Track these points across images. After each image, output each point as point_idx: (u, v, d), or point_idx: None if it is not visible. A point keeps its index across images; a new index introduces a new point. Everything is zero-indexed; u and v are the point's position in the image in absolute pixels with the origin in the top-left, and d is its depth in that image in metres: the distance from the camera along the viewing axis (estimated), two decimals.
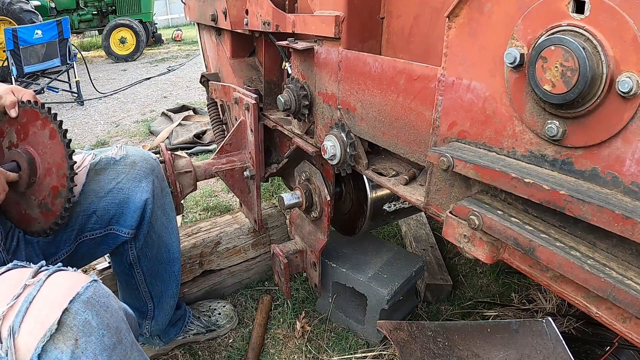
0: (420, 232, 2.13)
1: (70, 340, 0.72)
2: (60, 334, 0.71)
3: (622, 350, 1.25)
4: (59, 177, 1.04)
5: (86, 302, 0.75)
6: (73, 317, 0.73)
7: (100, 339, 0.75)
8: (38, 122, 1.06)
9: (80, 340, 0.73)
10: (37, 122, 1.06)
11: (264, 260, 1.92)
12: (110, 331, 0.77)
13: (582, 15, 0.56)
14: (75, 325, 0.73)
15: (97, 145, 3.97)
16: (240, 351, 1.58)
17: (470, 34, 0.72)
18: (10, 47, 5.23)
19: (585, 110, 0.57)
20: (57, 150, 1.04)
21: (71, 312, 0.73)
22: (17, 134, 1.08)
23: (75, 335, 0.73)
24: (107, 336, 0.76)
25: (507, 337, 1.26)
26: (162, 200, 1.31)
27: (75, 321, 0.73)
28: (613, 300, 0.54)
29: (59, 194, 1.05)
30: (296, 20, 1.18)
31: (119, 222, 1.23)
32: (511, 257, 0.73)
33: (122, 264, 1.35)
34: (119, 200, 1.21)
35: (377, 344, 1.56)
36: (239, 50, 1.77)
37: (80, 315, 0.74)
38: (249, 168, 1.62)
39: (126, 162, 1.23)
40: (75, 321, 0.73)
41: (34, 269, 0.80)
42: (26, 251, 1.13)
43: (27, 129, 1.07)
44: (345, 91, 1.08)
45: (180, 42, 11.68)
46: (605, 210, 0.53)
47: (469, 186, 0.78)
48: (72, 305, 0.74)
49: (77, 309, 0.74)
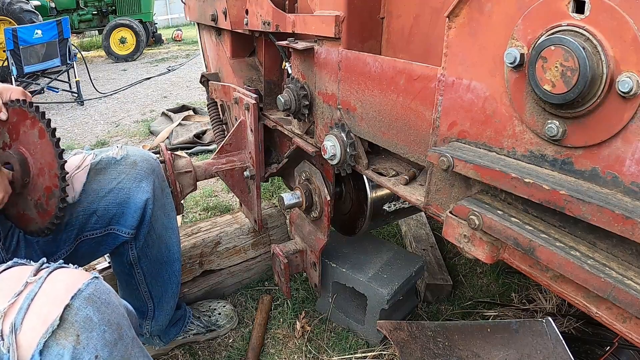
0: (420, 232, 2.13)
1: (71, 336, 0.72)
2: (61, 329, 0.72)
3: (622, 350, 1.25)
4: (51, 177, 1.04)
5: (87, 298, 0.75)
6: (75, 313, 0.73)
7: (101, 334, 0.75)
8: (27, 122, 1.04)
9: (82, 336, 0.73)
10: (26, 121, 1.04)
11: (264, 260, 1.92)
12: (111, 327, 0.77)
13: (582, 15, 0.56)
14: (77, 321, 0.73)
15: (97, 145, 3.97)
16: (240, 351, 1.58)
17: (470, 34, 0.72)
18: (10, 47, 5.22)
19: (585, 110, 0.57)
20: (47, 149, 1.03)
21: (73, 308, 0.73)
22: (9, 134, 1.07)
23: (77, 331, 0.73)
24: (109, 332, 0.76)
25: (507, 337, 1.26)
26: (162, 200, 1.31)
27: (77, 317, 0.73)
28: (613, 300, 0.54)
29: (52, 194, 1.04)
30: (296, 20, 1.18)
31: (119, 222, 1.23)
32: (511, 257, 0.73)
33: (122, 264, 1.35)
34: (119, 200, 1.21)
35: (377, 344, 1.56)
36: (239, 50, 1.77)
37: (81, 311, 0.74)
38: (249, 168, 1.61)
39: (127, 162, 1.23)
40: (76, 317, 0.73)
41: (36, 266, 0.80)
42: (26, 251, 1.13)
43: (18, 129, 1.05)
44: (345, 91, 1.08)
45: (180, 42, 11.67)
46: (605, 210, 0.53)
47: (469, 186, 0.78)
48: (74, 301, 0.74)
49: (79, 305, 0.74)
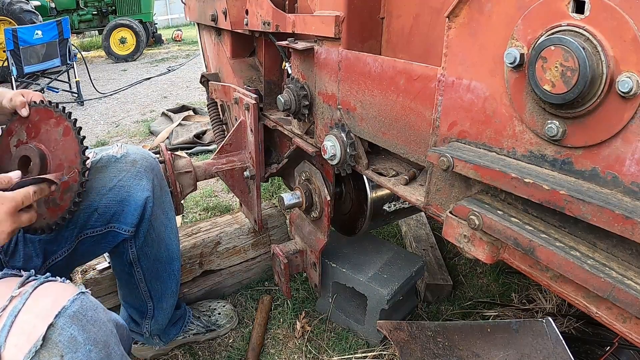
0: (420, 232, 2.13)
1: (55, 356, 0.71)
2: (45, 350, 0.70)
3: (622, 350, 1.25)
4: (70, 172, 1.06)
5: (72, 317, 0.74)
6: (59, 332, 0.72)
7: (87, 354, 0.74)
8: (51, 120, 1.10)
9: (66, 356, 0.72)
10: (50, 120, 1.10)
11: (264, 260, 1.92)
12: (97, 346, 0.76)
13: (582, 15, 0.56)
14: (61, 341, 0.72)
15: (97, 145, 3.97)
16: (240, 351, 1.58)
17: (470, 34, 0.72)
18: (10, 47, 5.23)
19: (585, 110, 0.57)
20: (70, 146, 1.06)
21: (57, 328, 0.72)
22: (27, 132, 1.11)
23: (61, 351, 0.71)
24: (95, 351, 0.75)
25: (507, 337, 1.26)
26: (161, 199, 1.31)
27: (61, 337, 0.72)
28: (613, 300, 0.54)
29: (69, 188, 1.06)
30: (296, 21, 1.18)
31: (120, 220, 1.24)
32: (511, 257, 0.73)
33: (122, 263, 1.35)
34: (120, 198, 1.21)
35: (377, 344, 1.56)
36: (239, 50, 1.77)
37: (65, 331, 0.73)
38: (249, 168, 1.62)
39: (127, 160, 1.23)
40: (60, 337, 0.72)
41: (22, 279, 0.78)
42: (25, 250, 1.12)
43: (39, 127, 1.10)
44: (345, 91, 1.08)
45: (180, 42, 11.67)
46: (605, 210, 0.53)
47: (469, 186, 0.78)
48: (58, 320, 0.72)
49: (63, 323, 0.73)
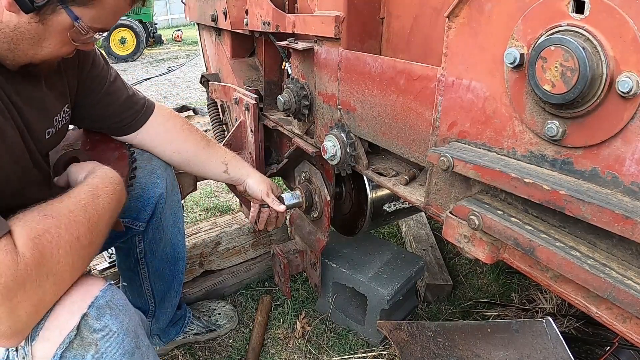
0: (420, 232, 2.13)
1: (90, 345, 0.71)
2: (79, 339, 0.71)
3: (622, 350, 1.25)
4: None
5: (105, 306, 0.75)
6: (93, 322, 0.73)
7: (120, 343, 0.74)
8: (111, 144, 1.19)
9: (101, 345, 0.72)
10: (109, 143, 1.19)
11: (264, 261, 1.92)
12: (129, 335, 0.77)
13: (582, 15, 0.56)
14: (95, 330, 0.72)
15: None
16: (240, 351, 1.58)
17: (470, 34, 0.72)
18: None
19: (585, 110, 0.57)
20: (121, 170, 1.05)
21: (90, 317, 0.73)
22: (82, 143, 1.18)
23: (95, 340, 0.72)
24: (127, 340, 0.76)
25: (507, 337, 1.26)
26: (172, 197, 1.32)
27: (95, 326, 0.73)
28: (613, 300, 0.54)
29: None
30: (296, 21, 1.18)
31: (133, 215, 1.24)
32: (511, 257, 0.73)
33: (129, 260, 1.36)
34: (135, 193, 1.22)
35: (377, 344, 1.56)
36: (239, 50, 1.77)
37: (100, 320, 0.73)
38: None
39: (142, 158, 1.24)
40: (94, 326, 0.72)
41: None
42: None
43: (96, 145, 1.18)
44: (345, 91, 1.08)
45: (180, 43, 11.69)
46: (605, 210, 0.53)
47: (469, 186, 0.78)
48: (91, 310, 0.73)
49: (97, 313, 0.73)
